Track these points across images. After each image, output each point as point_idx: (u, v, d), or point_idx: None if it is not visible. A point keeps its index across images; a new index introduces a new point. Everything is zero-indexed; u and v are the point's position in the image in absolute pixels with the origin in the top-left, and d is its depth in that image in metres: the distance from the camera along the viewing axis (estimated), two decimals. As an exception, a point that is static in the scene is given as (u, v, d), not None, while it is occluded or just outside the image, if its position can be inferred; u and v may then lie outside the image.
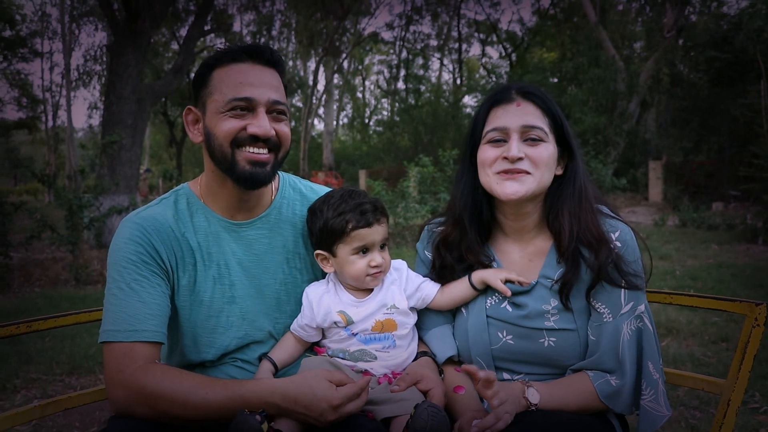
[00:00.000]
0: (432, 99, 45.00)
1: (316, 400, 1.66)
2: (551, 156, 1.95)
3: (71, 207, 9.86)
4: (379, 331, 2.00)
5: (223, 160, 1.93)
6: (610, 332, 1.90)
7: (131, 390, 1.72)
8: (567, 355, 1.96)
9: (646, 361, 1.91)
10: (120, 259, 1.89)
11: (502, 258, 2.10)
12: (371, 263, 1.98)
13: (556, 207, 2.00)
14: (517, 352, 1.99)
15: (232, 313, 2.02)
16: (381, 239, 2.01)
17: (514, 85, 2.03)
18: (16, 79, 40.26)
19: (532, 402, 1.81)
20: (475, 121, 2.06)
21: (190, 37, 17.79)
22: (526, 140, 1.94)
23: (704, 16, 27.62)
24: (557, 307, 1.96)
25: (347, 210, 1.97)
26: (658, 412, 1.89)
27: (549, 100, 1.99)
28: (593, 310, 1.94)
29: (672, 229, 15.47)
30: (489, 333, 2.02)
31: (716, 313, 6.42)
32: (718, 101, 23.99)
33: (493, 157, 1.95)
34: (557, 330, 1.95)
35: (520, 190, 1.91)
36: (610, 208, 2.06)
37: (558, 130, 1.99)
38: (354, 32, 41.07)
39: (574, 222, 1.95)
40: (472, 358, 2.05)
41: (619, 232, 1.95)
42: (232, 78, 1.91)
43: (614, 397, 1.87)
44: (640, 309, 1.92)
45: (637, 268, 1.93)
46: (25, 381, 5.12)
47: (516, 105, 1.97)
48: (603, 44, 25.96)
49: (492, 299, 2.05)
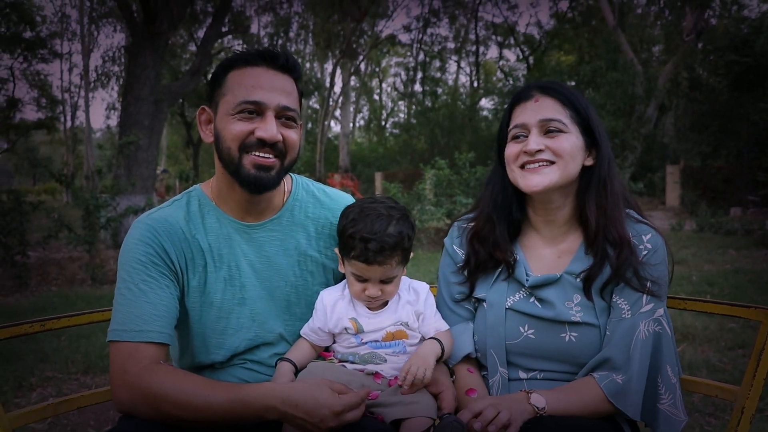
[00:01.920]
0: (449, 102, 45.04)
1: (318, 406, 1.66)
2: (573, 146, 1.98)
3: (88, 207, 9.94)
4: (389, 340, 2.00)
5: (230, 163, 1.94)
6: (625, 328, 1.91)
7: (135, 390, 1.73)
8: (586, 351, 1.95)
9: (664, 365, 1.91)
10: (130, 260, 1.91)
11: (530, 254, 2.11)
12: (365, 292, 1.96)
13: (584, 199, 2.03)
14: (537, 347, 2.00)
15: (242, 315, 2.02)
16: (380, 277, 1.94)
17: (535, 83, 2.10)
18: (36, 80, 40.64)
19: (539, 407, 1.80)
20: (501, 121, 2.14)
21: (207, 39, 17.88)
22: (547, 133, 1.98)
23: (724, 19, 27.42)
24: (581, 303, 1.97)
25: (356, 237, 1.92)
26: (676, 417, 1.90)
27: (570, 92, 2.03)
28: (613, 306, 1.96)
29: (689, 234, 15.35)
30: (509, 327, 2.03)
31: (733, 319, 6.35)
32: (737, 105, 23.75)
33: (516, 153, 2.01)
34: (580, 324, 1.95)
35: (542, 182, 1.96)
36: (639, 211, 2.09)
37: (583, 120, 2.02)
38: (371, 34, 41.16)
39: (600, 213, 1.99)
40: (487, 351, 2.05)
41: (650, 235, 1.98)
42: (245, 81, 1.92)
43: (621, 395, 1.86)
44: (659, 312, 1.93)
45: (657, 274, 1.94)
46: (40, 379, 5.15)
47: (534, 101, 2.02)
48: (621, 47, 25.79)
49: (519, 294, 2.05)
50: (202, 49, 17.82)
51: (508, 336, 2.03)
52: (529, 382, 2.02)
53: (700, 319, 6.52)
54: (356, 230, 1.92)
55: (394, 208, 1.98)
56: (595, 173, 2.03)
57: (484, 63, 50.83)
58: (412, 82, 49.19)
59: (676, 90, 25.31)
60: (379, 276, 1.94)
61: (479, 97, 44.77)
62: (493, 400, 1.79)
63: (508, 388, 2.03)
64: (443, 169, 14.92)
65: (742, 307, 2.08)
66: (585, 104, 2.03)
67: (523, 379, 2.03)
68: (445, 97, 46.70)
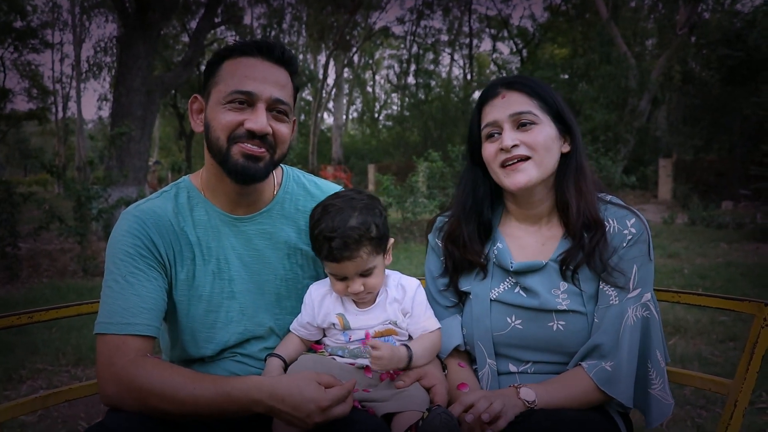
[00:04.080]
0: (442, 94, 44.97)
1: (304, 400, 1.63)
2: (548, 136, 1.98)
3: (80, 198, 9.90)
4: (378, 337, 1.98)
5: (219, 153, 1.91)
6: (614, 314, 1.91)
7: (122, 384, 1.72)
8: (574, 340, 1.95)
9: (654, 350, 1.92)
10: (117, 252, 1.89)
11: (513, 243, 2.10)
12: (349, 289, 1.94)
13: (562, 184, 2.03)
14: (525, 337, 1.99)
15: (231, 308, 2.01)
16: (355, 272, 1.91)
17: (499, 79, 2.11)
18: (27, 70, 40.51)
19: (529, 400, 1.79)
20: (471, 122, 2.13)
21: (200, 30, 17.79)
22: (520, 127, 1.98)
23: (717, 13, 27.41)
24: (568, 290, 1.97)
25: (319, 238, 1.91)
26: (666, 401, 1.92)
27: (534, 83, 2.04)
28: (600, 292, 1.95)
29: (681, 227, 15.40)
30: (494, 319, 2.02)
31: (724, 312, 6.37)
32: (730, 99, 23.81)
33: (494, 152, 2.01)
34: (567, 312, 1.95)
35: (523, 179, 1.96)
36: (604, 191, 2.10)
37: (552, 109, 2.02)
38: (364, 26, 40.99)
39: (580, 198, 1.99)
40: (475, 343, 2.05)
41: (634, 219, 1.97)
42: (238, 71, 1.90)
43: (611, 383, 1.86)
44: (647, 297, 1.93)
45: (642, 260, 1.94)
46: (31, 371, 5.13)
47: (501, 98, 2.03)
48: (615, 41, 25.77)
49: (504, 285, 2.05)
50: (194, 40, 17.73)
51: (495, 327, 2.02)
52: (521, 375, 2.01)
53: (692, 312, 6.54)
54: (320, 230, 1.90)
55: (355, 199, 1.95)
56: (572, 158, 2.04)
57: (478, 56, 50.73)
58: (405, 74, 49.06)
59: (669, 83, 25.31)
60: (354, 271, 1.90)
61: (473, 89, 44.66)
62: (486, 393, 1.80)
63: (498, 381, 2.03)
64: (436, 162, 14.94)
65: (735, 300, 2.08)
66: (551, 92, 2.04)
67: (515, 372, 2.02)
68: (439, 89, 46.63)
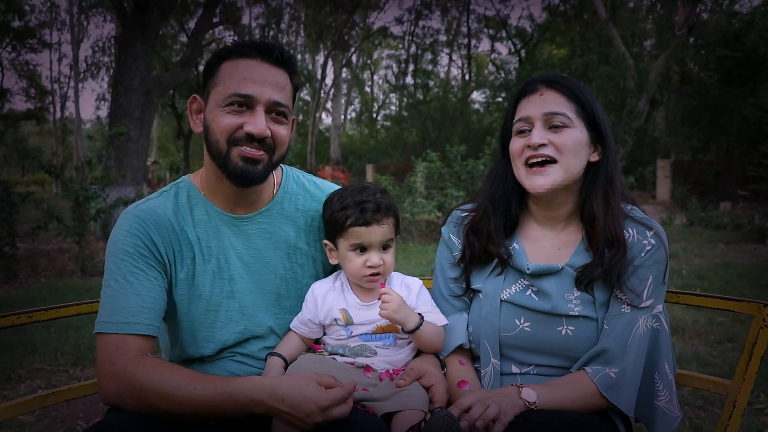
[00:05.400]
0: (440, 94, 45.03)
1: (304, 400, 1.63)
2: (577, 142, 1.96)
3: (78, 198, 9.89)
4: (380, 333, 1.99)
5: (218, 155, 1.92)
6: (625, 321, 1.89)
7: (121, 383, 1.72)
8: (582, 345, 1.94)
9: (662, 362, 1.91)
10: (117, 251, 1.89)
11: (530, 245, 2.09)
12: (367, 263, 1.96)
13: (590, 195, 2.01)
14: (532, 339, 1.98)
15: (231, 308, 2.01)
16: (380, 240, 1.98)
17: (541, 76, 2.07)
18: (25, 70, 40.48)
19: (530, 401, 1.78)
20: (506, 115, 2.12)
21: (198, 30, 17.82)
22: (551, 127, 1.96)
23: (716, 14, 27.46)
24: (581, 296, 1.95)
25: (350, 205, 1.96)
26: (673, 413, 1.89)
27: (576, 86, 2.01)
28: (613, 301, 1.93)
29: (679, 228, 15.41)
30: (503, 319, 2.01)
31: (722, 313, 6.38)
32: (728, 100, 23.84)
33: (520, 148, 1.99)
34: (578, 318, 1.94)
35: (546, 183, 1.94)
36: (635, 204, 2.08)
37: (588, 115, 2.00)
38: (363, 26, 41.04)
39: (608, 211, 1.96)
40: (481, 342, 2.04)
41: (653, 231, 1.95)
42: (237, 72, 1.89)
43: (615, 389, 1.84)
44: (658, 309, 1.92)
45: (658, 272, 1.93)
46: (29, 371, 5.13)
47: (539, 95, 2.00)
48: (613, 41, 25.79)
49: (516, 286, 2.04)
50: (192, 39, 17.76)
51: (503, 328, 2.01)
52: (523, 377, 2.01)
53: (690, 312, 6.55)
54: (347, 202, 1.97)
55: (368, 186, 2.04)
56: (601, 169, 2.01)
57: (476, 56, 50.77)
58: (403, 74, 49.08)
59: (667, 84, 25.35)
60: (379, 238, 1.96)
61: (471, 90, 44.77)
62: (482, 395, 1.77)
63: (500, 381, 2.02)
64: (434, 162, 14.94)
65: (735, 300, 2.08)
66: (591, 99, 2.01)
67: (516, 374, 2.02)
68: (437, 89, 46.68)
